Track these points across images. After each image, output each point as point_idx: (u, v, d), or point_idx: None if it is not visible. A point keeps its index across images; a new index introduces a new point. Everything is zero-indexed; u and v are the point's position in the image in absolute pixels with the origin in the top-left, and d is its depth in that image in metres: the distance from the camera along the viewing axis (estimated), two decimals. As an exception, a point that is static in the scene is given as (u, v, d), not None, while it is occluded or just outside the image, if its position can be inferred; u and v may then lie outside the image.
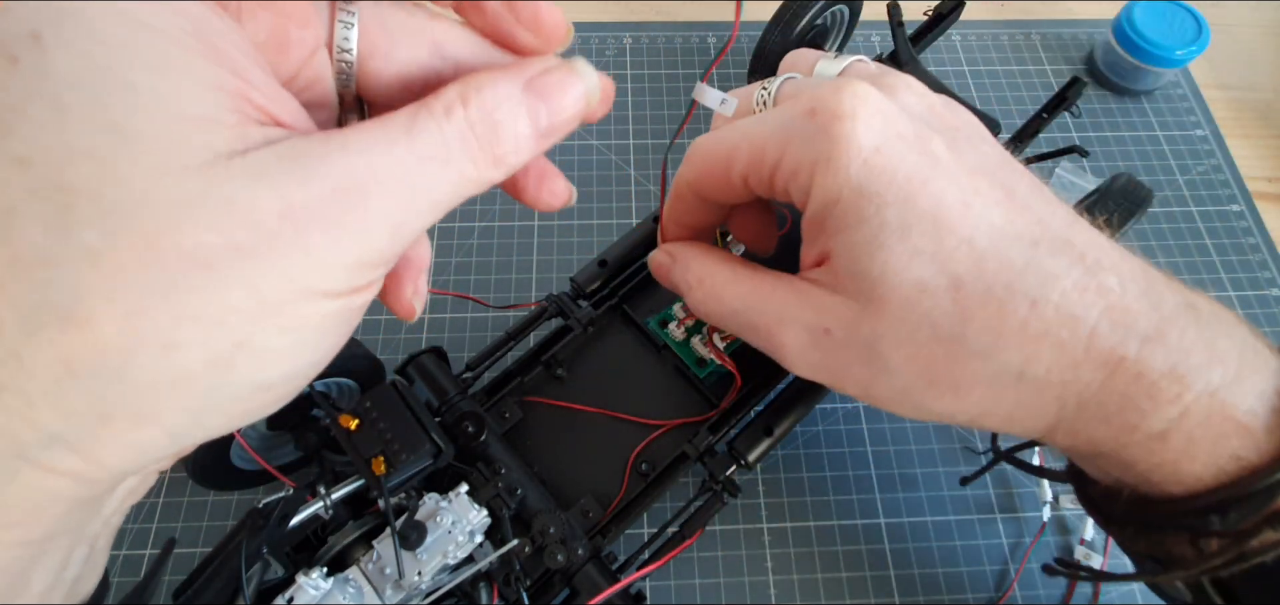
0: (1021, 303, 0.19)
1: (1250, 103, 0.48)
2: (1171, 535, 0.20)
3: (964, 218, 0.20)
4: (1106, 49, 0.47)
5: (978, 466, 0.34)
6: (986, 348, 0.20)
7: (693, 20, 0.50)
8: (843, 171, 0.20)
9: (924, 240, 0.20)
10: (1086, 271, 0.20)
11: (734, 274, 0.24)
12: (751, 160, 0.22)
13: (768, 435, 0.28)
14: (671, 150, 0.27)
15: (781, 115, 0.22)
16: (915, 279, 0.20)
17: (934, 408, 0.21)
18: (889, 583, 0.33)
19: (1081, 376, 0.19)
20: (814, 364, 0.23)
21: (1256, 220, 0.43)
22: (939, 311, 0.20)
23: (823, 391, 0.30)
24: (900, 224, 0.20)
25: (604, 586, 0.26)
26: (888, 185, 0.20)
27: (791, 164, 0.21)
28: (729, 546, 0.33)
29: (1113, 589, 0.32)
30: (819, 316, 0.22)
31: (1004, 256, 0.20)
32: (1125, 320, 0.19)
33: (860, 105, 0.20)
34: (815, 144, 0.20)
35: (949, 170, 0.20)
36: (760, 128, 0.22)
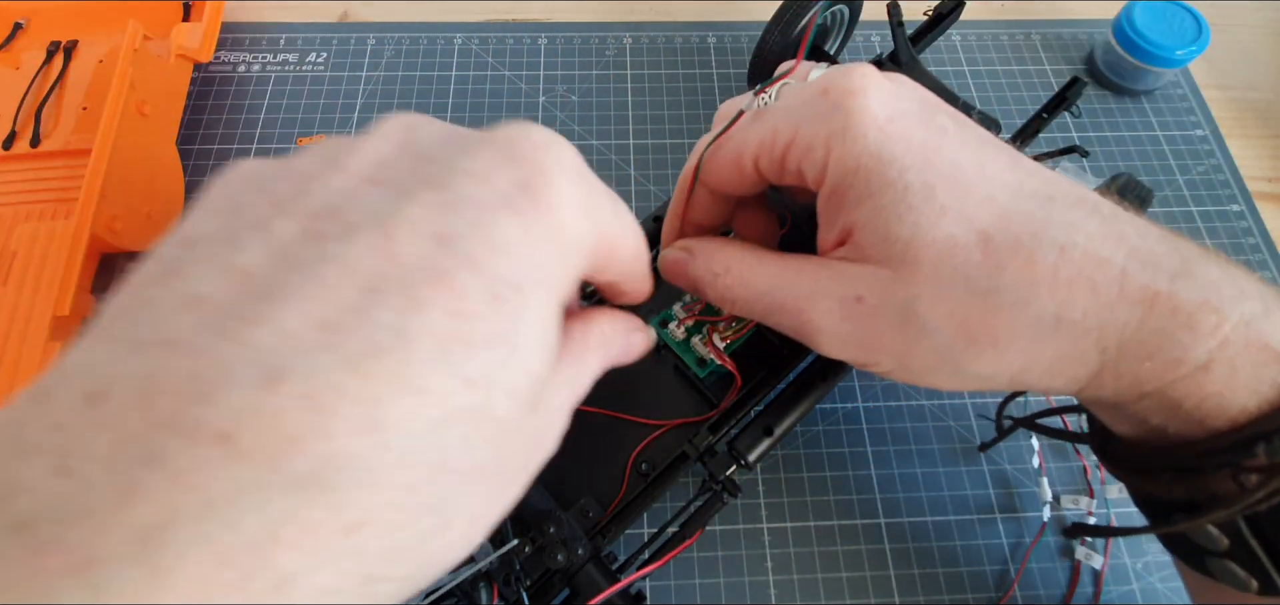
0: (1050, 249, 0.20)
1: (1250, 103, 0.48)
2: (1213, 474, 0.20)
3: (981, 177, 0.21)
4: (1106, 49, 0.47)
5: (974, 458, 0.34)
6: (1021, 297, 0.20)
7: (693, 20, 0.50)
8: (861, 139, 0.21)
9: (948, 198, 0.20)
10: (1104, 221, 0.20)
11: (759, 258, 0.24)
12: (763, 143, 0.23)
13: (768, 435, 0.28)
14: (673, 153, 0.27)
15: (793, 99, 0.23)
16: (945, 235, 0.20)
17: (974, 368, 0.21)
18: (889, 583, 0.33)
19: (1119, 315, 0.20)
20: (846, 337, 0.22)
21: (1256, 220, 0.43)
22: (971, 265, 0.20)
23: (823, 392, 0.30)
24: (923, 185, 0.20)
25: (604, 586, 0.26)
26: (906, 149, 0.21)
27: (806, 139, 0.22)
28: (729, 546, 0.33)
29: (1114, 587, 0.32)
30: (850, 287, 0.22)
31: (1025, 210, 0.20)
32: (1151, 260, 0.20)
33: (869, 81, 0.21)
34: (831, 118, 0.21)
35: (958, 139, 0.21)
36: (771, 113, 0.23)
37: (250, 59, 0.47)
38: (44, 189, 0.41)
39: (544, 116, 0.45)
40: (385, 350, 0.13)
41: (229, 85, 0.46)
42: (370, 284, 0.13)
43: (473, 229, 0.14)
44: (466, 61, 0.48)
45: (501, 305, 0.14)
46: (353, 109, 0.45)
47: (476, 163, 0.15)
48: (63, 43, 0.45)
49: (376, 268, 0.13)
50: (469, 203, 0.15)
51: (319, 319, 0.13)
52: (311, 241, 0.14)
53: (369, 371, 0.13)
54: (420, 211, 0.14)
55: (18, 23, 0.46)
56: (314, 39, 0.48)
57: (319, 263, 0.13)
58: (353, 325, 0.13)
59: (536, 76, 0.47)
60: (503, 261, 0.15)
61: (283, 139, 0.44)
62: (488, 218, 0.15)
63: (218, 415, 0.11)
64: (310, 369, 0.12)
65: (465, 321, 0.14)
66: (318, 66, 0.47)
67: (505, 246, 0.15)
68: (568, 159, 0.17)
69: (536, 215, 0.15)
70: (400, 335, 0.13)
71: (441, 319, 0.13)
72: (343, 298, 0.13)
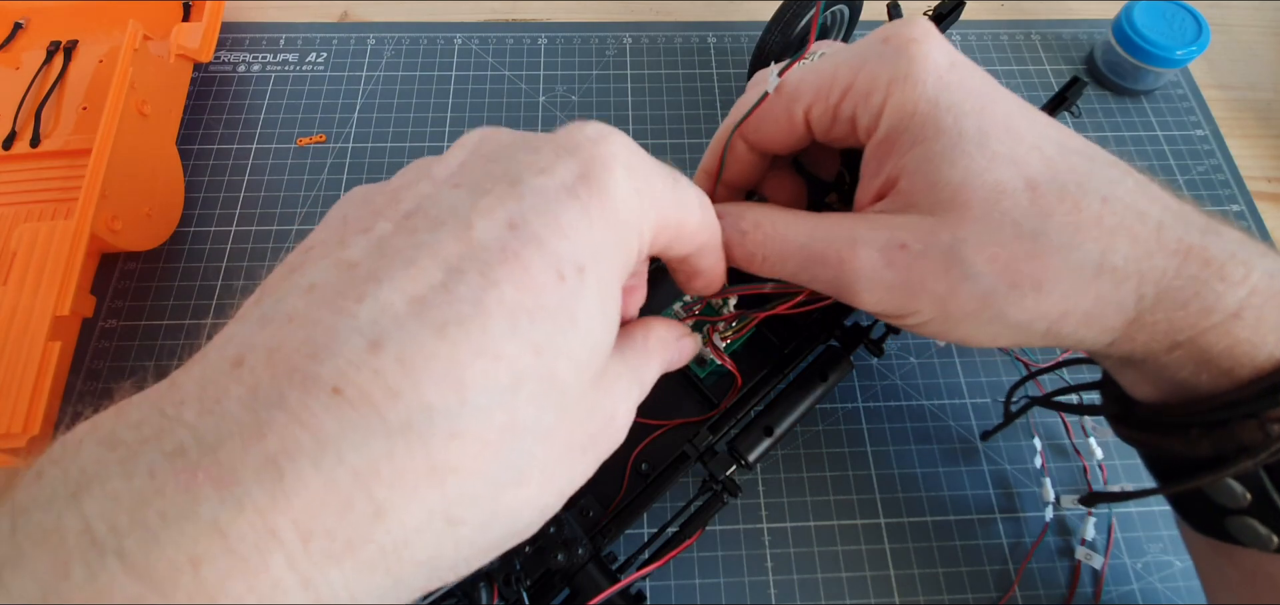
0: (1094, 198, 0.21)
1: (1250, 103, 0.48)
2: (1240, 424, 0.21)
3: (1031, 129, 0.22)
4: (1106, 49, 0.47)
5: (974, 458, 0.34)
6: (1066, 241, 0.21)
7: (693, 20, 0.50)
8: (920, 84, 0.22)
9: (1001, 145, 0.21)
10: (1138, 182, 0.22)
11: (793, 214, 0.24)
12: (819, 90, 0.23)
13: (768, 435, 0.29)
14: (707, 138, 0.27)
15: (850, 48, 0.23)
16: (995, 181, 0.21)
17: (1014, 314, 0.22)
18: (889, 583, 0.33)
19: (1156, 263, 0.21)
20: (889, 283, 0.22)
21: (1256, 220, 0.43)
22: (1019, 210, 0.21)
23: (823, 392, 0.30)
24: (978, 131, 0.21)
25: (604, 586, 0.26)
26: (964, 96, 0.22)
27: (866, 84, 0.22)
28: (729, 546, 0.33)
29: (1114, 587, 0.32)
30: (894, 233, 0.22)
31: (1070, 162, 0.22)
32: (1183, 216, 0.21)
33: (930, 33, 0.22)
34: (893, 63, 0.22)
35: (1009, 94, 0.23)
36: (827, 61, 0.23)
37: (250, 59, 0.47)
38: (44, 189, 0.41)
39: (544, 116, 0.45)
40: (466, 319, 0.15)
41: (229, 85, 0.46)
42: (453, 265, 0.15)
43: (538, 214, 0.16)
44: (466, 61, 0.48)
45: (564, 282, 0.16)
46: (353, 109, 0.45)
47: (540, 157, 0.17)
48: (63, 43, 0.45)
49: (458, 250, 0.16)
50: (534, 191, 0.17)
51: (411, 295, 0.15)
52: (406, 234, 0.16)
53: (452, 337, 0.15)
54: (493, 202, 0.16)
55: (18, 23, 0.46)
56: (314, 39, 0.48)
57: (412, 250, 0.16)
58: (439, 299, 0.15)
59: (536, 76, 0.47)
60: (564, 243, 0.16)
61: (283, 139, 0.44)
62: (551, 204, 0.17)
63: (330, 372, 0.14)
64: (404, 335, 0.14)
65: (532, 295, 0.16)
66: (318, 66, 0.47)
67: (567, 229, 0.17)
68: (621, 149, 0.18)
69: (594, 201, 0.17)
70: (477, 306, 0.15)
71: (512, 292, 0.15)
72: (430, 277, 0.15)
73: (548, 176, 0.17)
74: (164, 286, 0.39)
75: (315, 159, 0.43)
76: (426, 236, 0.16)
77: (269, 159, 0.43)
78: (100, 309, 0.38)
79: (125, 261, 0.40)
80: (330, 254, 0.16)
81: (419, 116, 0.45)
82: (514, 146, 0.18)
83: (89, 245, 0.36)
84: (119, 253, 0.40)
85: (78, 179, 0.39)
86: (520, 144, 0.18)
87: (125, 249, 0.39)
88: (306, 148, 0.44)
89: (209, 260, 0.40)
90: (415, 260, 0.15)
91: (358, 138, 0.44)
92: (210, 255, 0.40)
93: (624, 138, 0.19)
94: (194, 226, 0.41)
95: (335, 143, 0.44)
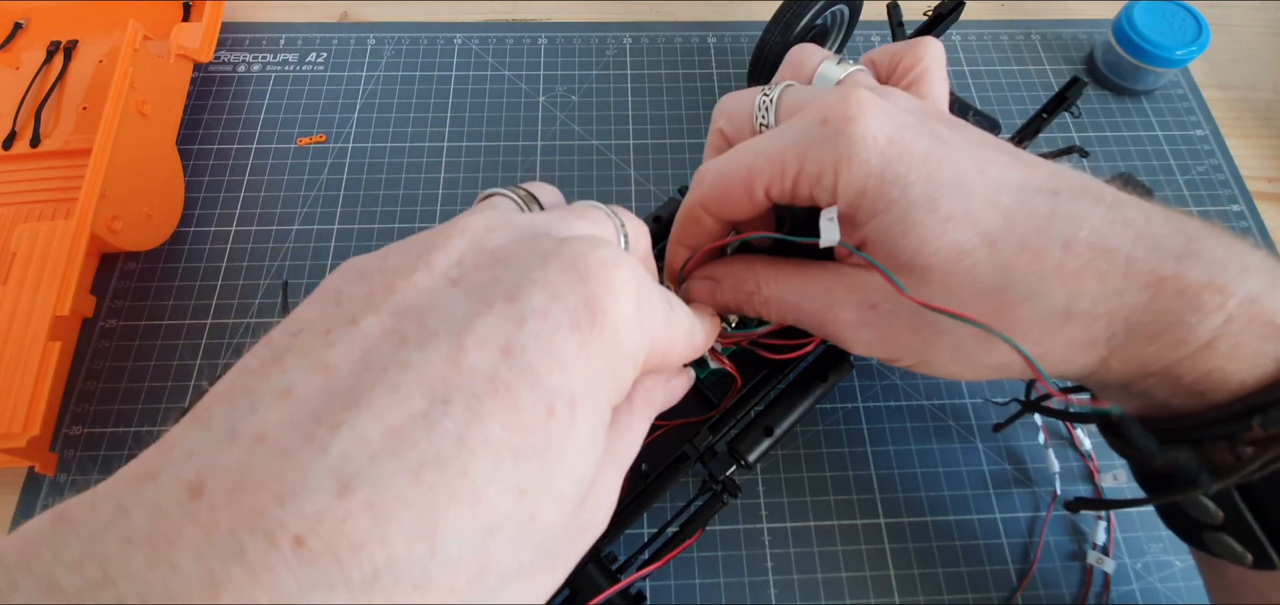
0: (1055, 244, 0.21)
1: (1250, 103, 0.48)
2: (1211, 445, 0.21)
3: (984, 181, 0.22)
4: (1106, 49, 0.47)
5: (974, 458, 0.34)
6: (1031, 291, 0.21)
7: (693, 20, 0.50)
8: (864, 163, 0.22)
9: (952, 206, 0.21)
10: (1109, 209, 0.21)
11: (780, 272, 0.26)
12: (773, 174, 0.23)
13: (768, 435, 0.28)
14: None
15: (793, 129, 0.23)
16: (951, 243, 0.21)
17: (989, 361, 0.23)
18: (889, 583, 0.33)
19: (1127, 300, 0.20)
20: (869, 340, 0.24)
21: (1256, 220, 0.43)
22: (980, 268, 0.21)
23: (823, 392, 0.30)
24: (926, 198, 0.21)
25: (605, 586, 0.26)
26: (908, 166, 0.21)
27: (814, 169, 0.22)
28: (729, 546, 0.33)
29: (1114, 587, 0.32)
30: (865, 295, 0.23)
31: (1029, 208, 0.21)
32: (1156, 243, 0.21)
33: (866, 106, 0.22)
34: (834, 146, 0.22)
35: (958, 145, 0.22)
36: (774, 144, 0.23)
37: (250, 59, 0.47)
38: (44, 189, 0.41)
39: (544, 117, 0.45)
40: (445, 460, 0.14)
41: (229, 85, 0.46)
42: (439, 393, 0.14)
43: (536, 342, 0.16)
44: (466, 61, 0.48)
45: (554, 418, 0.15)
46: (353, 109, 0.45)
47: (548, 276, 0.17)
48: (63, 43, 0.45)
49: (445, 376, 0.15)
50: (537, 315, 0.16)
51: (390, 425, 0.14)
52: (393, 343, 0.15)
53: (428, 481, 0.14)
54: (490, 325, 0.16)
55: (18, 23, 0.46)
56: (314, 39, 0.48)
57: (397, 369, 0.15)
58: (419, 433, 0.14)
59: (536, 76, 0.47)
60: (559, 375, 0.16)
61: (283, 139, 0.44)
62: (551, 333, 0.16)
63: (295, 518, 0.13)
64: (377, 477, 0.13)
65: (520, 433, 0.15)
66: (318, 66, 0.47)
67: (564, 361, 0.16)
68: (631, 279, 0.18)
69: (596, 332, 0.16)
70: (460, 444, 0.14)
71: (498, 430, 0.15)
72: (412, 405, 0.14)
73: (552, 300, 0.16)
74: (164, 286, 0.39)
75: (315, 159, 0.43)
76: (414, 353, 0.15)
77: (269, 159, 0.43)
78: (100, 309, 0.38)
79: (125, 261, 0.40)
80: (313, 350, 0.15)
81: (419, 116, 0.45)
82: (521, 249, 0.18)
83: (89, 245, 0.36)
84: (119, 253, 0.40)
85: (78, 179, 0.39)
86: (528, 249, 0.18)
87: (125, 249, 0.39)
88: (306, 148, 0.44)
89: (209, 260, 0.40)
90: (399, 385, 0.14)
91: (358, 138, 0.44)
92: (210, 255, 0.40)
93: (635, 264, 0.18)
94: (194, 226, 0.41)
95: (335, 143, 0.44)
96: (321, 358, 0.15)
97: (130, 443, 0.35)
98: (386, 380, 0.14)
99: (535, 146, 0.44)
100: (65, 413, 0.36)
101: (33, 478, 0.34)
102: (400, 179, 0.43)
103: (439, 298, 0.16)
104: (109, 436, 0.35)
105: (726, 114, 0.27)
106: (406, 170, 0.43)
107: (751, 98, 0.26)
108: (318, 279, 0.39)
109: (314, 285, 0.42)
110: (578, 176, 0.43)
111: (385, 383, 0.14)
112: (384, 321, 0.16)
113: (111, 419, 0.36)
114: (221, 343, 0.38)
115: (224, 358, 0.37)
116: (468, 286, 0.17)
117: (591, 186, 0.43)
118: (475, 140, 0.44)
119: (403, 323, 0.16)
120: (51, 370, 0.34)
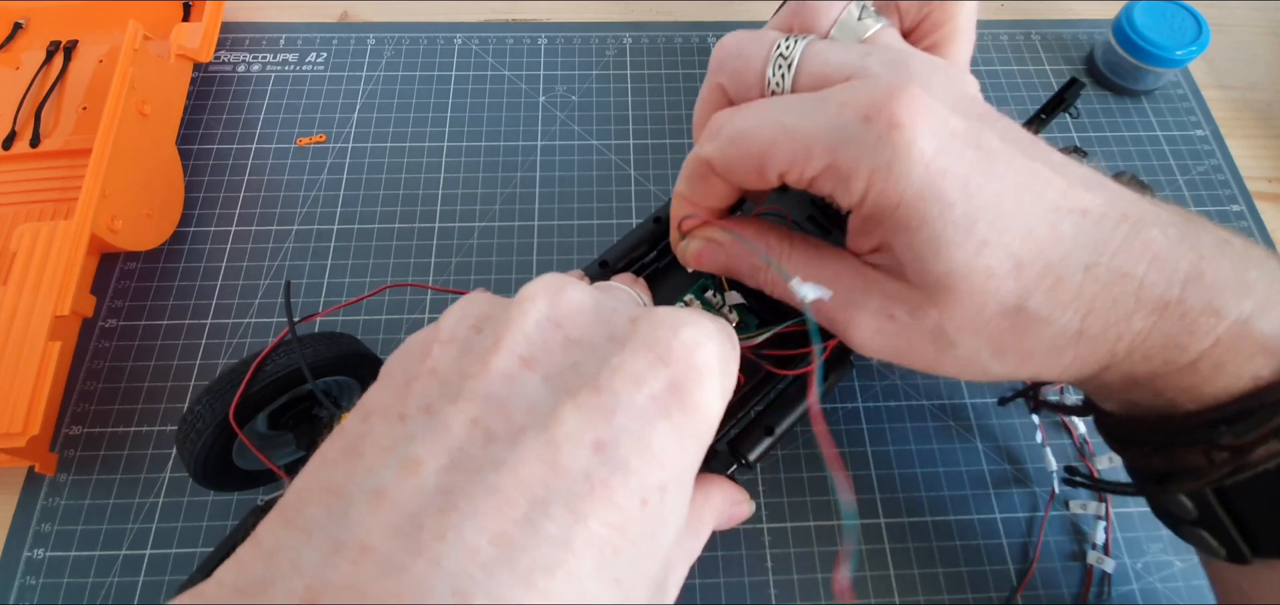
0: (1076, 271, 0.21)
1: (1250, 103, 0.48)
2: (1185, 448, 0.22)
3: (1020, 205, 0.20)
4: (1106, 49, 0.47)
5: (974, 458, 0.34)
6: (1047, 315, 0.21)
7: (693, 20, 0.50)
8: (904, 178, 0.20)
9: (989, 231, 0.20)
10: (1131, 229, 0.21)
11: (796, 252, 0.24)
12: (794, 158, 0.21)
13: (768, 434, 0.28)
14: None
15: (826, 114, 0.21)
16: (982, 266, 0.20)
17: (998, 371, 0.23)
18: (889, 583, 0.33)
19: (1134, 325, 0.21)
20: (881, 347, 0.23)
21: (1256, 220, 0.43)
22: (1003, 291, 0.21)
23: (823, 392, 0.30)
24: (965, 220, 0.20)
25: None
26: (950, 186, 0.20)
27: (845, 168, 0.20)
28: (729, 546, 0.33)
29: (1120, 587, 0.32)
30: (885, 303, 0.23)
31: (1058, 232, 0.21)
32: (1169, 267, 0.21)
33: (918, 112, 0.20)
34: (874, 152, 0.20)
35: (1005, 160, 0.21)
36: (802, 124, 0.21)
37: (250, 59, 0.47)
38: (44, 189, 0.41)
39: (544, 117, 0.45)
40: (553, 565, 0.14)
41: (229, 85, 0.46)
42: (537, 496, 0.14)
43: (627, 437, 0.15)
44: (466, 61, 0.48)
45: (648, 508, 0.15)
46: (353, 109, 0.45)
47: (631, 363, 0.16)
48: (63, 43, 0.45)
49: (542, 478, 0.15)
50: (623, 408, 0.16)
51: (495, 532, 0.14)
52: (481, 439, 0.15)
53: (540, 586, 0.14)
54: (580, 419, 0.15)
55: (18, 23, 0.46)
56: (314, 39, 0.48)
57: (492, 471, 0.15)
58: (524, 539, 0.14)
59: (536, 76, 0.47)
60: (653, 468, 0.15)
61: (283, 139, 0.44)
62: (642, 425, 0.16)
63: None
64: (493, 588, 0.13)
65: (618, 530, 0.15)
66: (318, 66, 0.47)
67: (655, 451, 0.16)
68: (716, 357, 0.17)
69: (686, 420, 0.16)
70: (565, 548, 0.14)
71: (599, 529, 0.15)
72: (515, 510, 0.14)
73: (638, 389, 0.16)
74: (164, 286, 0.39)
75: (315, 159, 0.43)
76: (506, 452, 0.15)
77: (269, 159, 0.43)
78: (100, 309, 0.38)
79: (125, 261, 0.40)
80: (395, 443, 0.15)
81: (419, 116, 0.45)
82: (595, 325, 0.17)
83: (89, 245, 0.36)
84: (119, 253, 0.40)
85: (78, 179, 0.39)
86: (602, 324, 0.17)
87: (125, 249, 0.39)
88: (306, 148, 0.44)
89: (209, 260, 0.40)
90: (498, 488, 0.14)
91: (358, 138, 0.44)
92: (210, 255, 0.40)
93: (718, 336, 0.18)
94: (194, 226, 0.41)
95: (335, 143, 0.44)
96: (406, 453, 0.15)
97: (130, 442, 0.35)
98: (483, 482, 0.14)
99: (535, 146, 0.44)
100: (65, 413, 0.36)
101: (32, 477, 0.34)
102: (400, 179, 0.43)
103: (518, 386, 0.16)
104: (109, 436, 0.35)
105: (730, 69, 0.25)
106: (406, 170, 0.43)
107: (763, 50, 0.24)
108: (318, 279, 0.39)
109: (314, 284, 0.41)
110: (578, 176, 0.43)
111: (482, 486, 0.14)
112: (464, 411, 0.15)
113: (111, 419, 0.36)
114: (221, 343, 0.38)
115: (224, 358, 0.37)
116: (545, 372, 0.16)
117: (591, 187, 0.43)
118: (475, 140, 0.44)
119: (486, 415, 0.15)
120: (51, 370, 0.34)
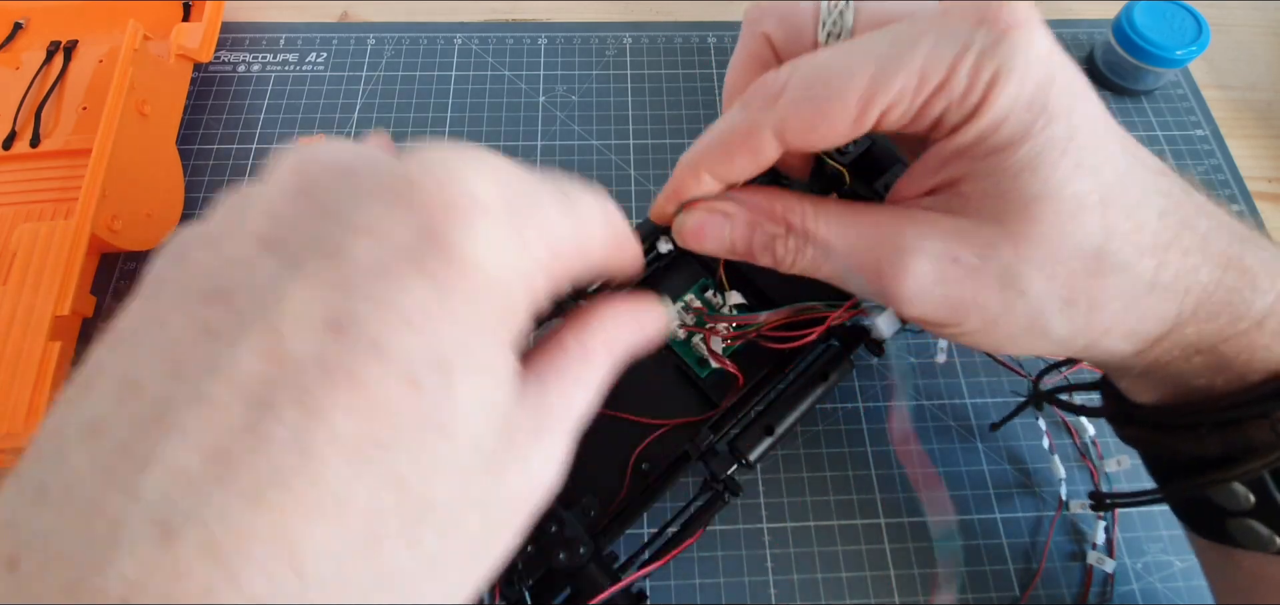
0: (1152, 215, 0.20)
1: (1250, 103, 0.48)
2: (1250, 424, 0.21)
3: (1109, 131, 0.20)
4: (1106, 49, 0.47)
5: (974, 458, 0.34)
6: (1126, 260, 0.20)
7: (693, 20, 0.50)
8: (1021, 85, 0.18)
9: (1083, 152, 0.19)
10: (1184, 189, 0.21)
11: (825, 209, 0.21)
12: (904, 87, 0.18)
13: (769, 434, 0.28)
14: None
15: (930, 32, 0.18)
16: (1073, 193, 0.19)
17: (1060, 329, 0.20)
18: (889, 583, 0.33)
19: (1201, 277, 0.20)
20: (938, 300, 0.20)
21: (1256, 220, 0.43)
22: (1088, 227, 0.19)
23: (823, 392, 0.30)
24: (1067, 137, 0.19)
25: (606, 586, 0.26)
26: (1058, 93, 0.18)
27: (964, 81, 0.18)
28: (729, 546, 0.33)
29: (1121, 587, 0.32)
30: (947, 245, 0.20)
31: (1135, 174, 0.20)
32: (1224, 224, 0.21)
33: (1031, 12, 0.18)
34: (994, 54, 0.18)
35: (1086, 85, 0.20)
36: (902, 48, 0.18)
37: (250, 59, 0.47)
38: (44, 189, 0.41)
39: (544, 117, 0.45)
40: (289, 474, 0.11)
41: (229, 85, 0.46)
42: (259, 396, 0.12)
43: (370, 306, 0.12)
44: (466, 61, 0.48)
45: (421, 391, 0.12)
46: (353, 109, 0.45)
47: (370, 214, 0.13)
48: (63, 43, 0.45)
49: (264, 373, 0.12)
50: (364, 270, 0.12)
51: (210, 447, 0.11)
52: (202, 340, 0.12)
53: (274, 503, 0.11)
54: (308, 294, 0.12)
55: (18, 23, 0.46)
56: (314, 39, 0.48)
57: (207, 375, 0.12)
58: (247, 450, 0.11)
59: (536, 76, 0.47)
60: (414, 339, 0.12)
61: (283, 139, 0.44)
62: (387, 288, 0.12)
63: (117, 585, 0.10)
64: (207, 513, 0.11)
65: (378, 420, 0.12)
66: (318, 66, 0.47)
67: (415, 319, 0.12)
68: (478, 184, 0.14)
69: (447, 270, 0.13)
70: (302, 453, 0.11)
71: (346, 424, 0.12)
72: (230, 418, 0.11)
73: (379, 243, 0.13)
74: (164, 286, 0.39)
75: (315, 159, 0.43)
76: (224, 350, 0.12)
77: (269, 159, 0.43)
78: (100, 309, 0.38)
79: (125, 261, 0.40)
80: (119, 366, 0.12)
81: (419, 116, 0.45)
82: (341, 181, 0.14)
83: (89, 245, 0.36)
84: (119, 253, 0.40)
85: (78, 179, 0.39)
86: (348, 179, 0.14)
87: (125, 249, 0.39)
88: (306, 148, 0.44)
89: (209, 260, 0.40)
90: (211, 393, 0.11)
91: (358, 138, 0.44)
92: (210, 255, 0.40)
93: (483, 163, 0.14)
94: (194, 226, 0.41)
95: (335, 143, 0.44)
96: (128, 374, 0.12)
97: (130, 443, 0.35)
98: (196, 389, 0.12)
99: (535, 146, 0.44)
100: (65, 413, 0.36)
101: (33, 478, 0.34)
102: (400, 179, 0.43)
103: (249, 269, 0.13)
104: (109, 436, 0.35)
105: (777, 16, 0.22)
106: (407, 170, 0.43)
107: None
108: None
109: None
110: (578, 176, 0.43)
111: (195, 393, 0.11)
112: (190, 314, 0.12)
113: (112, 419, 0.35)
114: (222, 343, 0.38)
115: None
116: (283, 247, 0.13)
117: (592, 186, 0.43)
118: (475, 140, 0.44)
119: (210, 312, 0.12)
120: (52, 370, 0.34)
